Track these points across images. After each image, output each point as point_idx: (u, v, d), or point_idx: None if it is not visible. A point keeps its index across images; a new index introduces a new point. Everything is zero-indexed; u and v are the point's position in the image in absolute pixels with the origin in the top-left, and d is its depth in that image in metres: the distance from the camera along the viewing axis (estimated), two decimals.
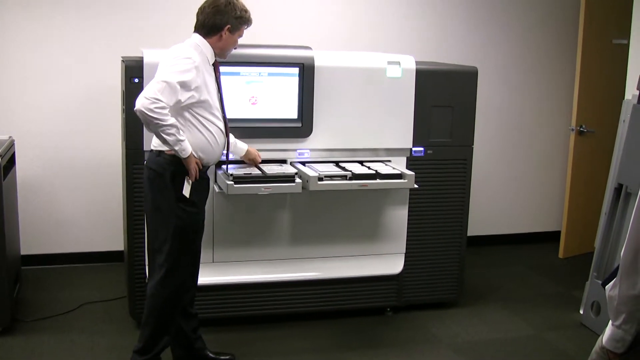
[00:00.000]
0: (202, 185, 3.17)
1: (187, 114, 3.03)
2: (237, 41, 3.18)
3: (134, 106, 2.87)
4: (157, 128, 2.89)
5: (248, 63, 3.60)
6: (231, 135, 3.41)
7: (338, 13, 5.04)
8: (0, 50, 4.49)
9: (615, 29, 5.06)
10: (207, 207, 3.34)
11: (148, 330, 3.14)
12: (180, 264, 3.12)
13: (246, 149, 3.54)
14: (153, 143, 3.10)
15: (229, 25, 3.08)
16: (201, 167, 3.08)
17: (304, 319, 3.96)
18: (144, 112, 2.84)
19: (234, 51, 3.25)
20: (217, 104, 3.14)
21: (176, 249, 3.08)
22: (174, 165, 3.02)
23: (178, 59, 2.98)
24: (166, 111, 2.87)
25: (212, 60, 3.13)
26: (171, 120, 2.90)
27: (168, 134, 2.90)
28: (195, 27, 3.13)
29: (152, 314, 3.14)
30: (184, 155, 2.97)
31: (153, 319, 3.14)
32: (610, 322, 1.92)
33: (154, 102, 2.84)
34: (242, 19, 3.12)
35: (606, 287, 1.93)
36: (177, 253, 3.09)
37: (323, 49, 3.92)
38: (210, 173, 3.39)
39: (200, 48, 3.07)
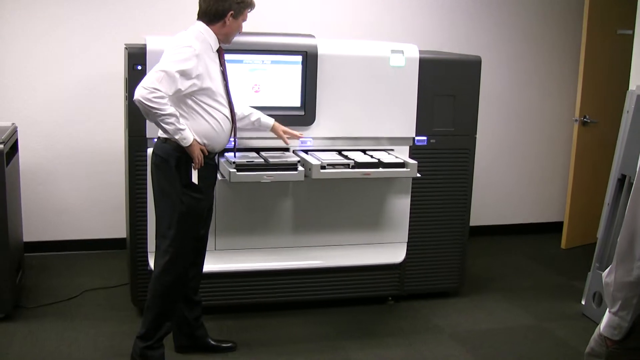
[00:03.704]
0: (208, 171, 3.16)
1: (190, 102, 3.03)
2: (241, 26, 3.15)
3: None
4: (156, 117, 2.90)
5: (251, 51, 3.59)
6: (255, 111, 3.42)
7: (341, 1, 5.02)
8: (3, 38, 4.49)
9: (619, 19, 5.04)
10: None
11: (150, 315, 3.16)
12: (184, 251, 3.13)
13: (272, 124, 3.48)
14: (160, 131, 3.10)
15: (232, 11, 3.06)
16: (207, 154, 3.08)
17: (306, 307, 3.97)
18: (143, 102, 2.85)
19: (237, 39, 3.24)
20: (221, 91, 3.12)
21: (180, 234, 3.09)
22: (179, 152, 3.02)
23: (178, 47, 2.98)
24: (165, 100, 2.88)
25: (215, 47, 3.11)
26: (170, 109, 2.90)
27: (167, 123, 2.91)
28: (198, 14, 3.11)
29: (154, 300, 3.15)
30: (185, 143, 2.97)
31: (156, 305, 3.15)
32: (607, 309, 1.93)
33: (152, 92, 2.84)
34: (244, 3, 3.09)
35: (602, 273, 1.93)
36: (181, 239, 3.10)
37: (326, 37, 3.91)
38: None
39: (203, 35, 3.06)
